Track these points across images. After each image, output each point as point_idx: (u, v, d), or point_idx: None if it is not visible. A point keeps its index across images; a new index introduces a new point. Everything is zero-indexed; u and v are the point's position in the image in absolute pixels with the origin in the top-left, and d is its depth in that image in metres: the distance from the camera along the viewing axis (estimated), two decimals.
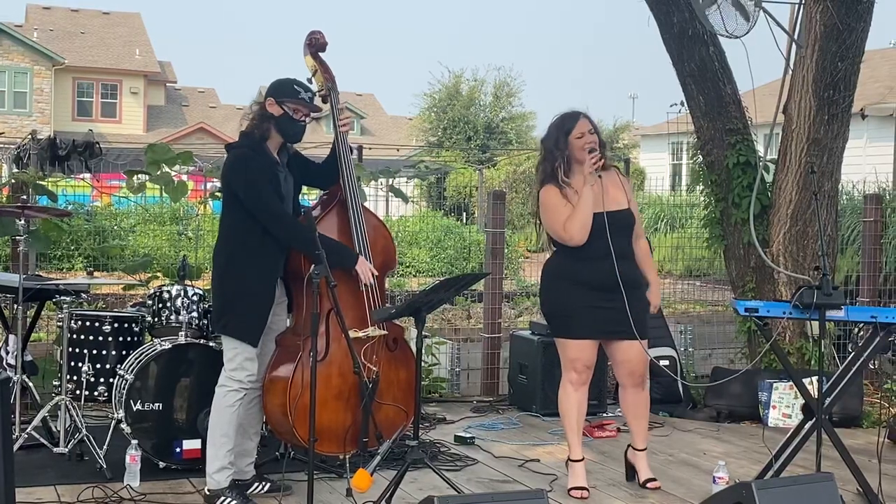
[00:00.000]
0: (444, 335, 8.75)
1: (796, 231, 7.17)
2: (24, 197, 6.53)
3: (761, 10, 6.37)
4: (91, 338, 5.46)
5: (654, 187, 16.66)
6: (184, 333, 5.28)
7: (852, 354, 5.38)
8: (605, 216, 4.94)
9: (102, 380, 5.44)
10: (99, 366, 5.45)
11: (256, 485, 4.90)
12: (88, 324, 5.48)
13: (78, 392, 5.40)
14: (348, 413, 4.72)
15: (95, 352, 5.45)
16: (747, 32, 6.32)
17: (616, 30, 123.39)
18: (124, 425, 5.11)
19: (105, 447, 5.18)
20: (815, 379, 5.55)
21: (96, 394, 5.46)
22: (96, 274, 9.62)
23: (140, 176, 6.78)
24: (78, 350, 5.45)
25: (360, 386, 4.64)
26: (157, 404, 5.15)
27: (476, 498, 4.09)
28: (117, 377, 5.34)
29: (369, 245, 4.89)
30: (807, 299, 4.87)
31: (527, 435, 6.39)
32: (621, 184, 5.14)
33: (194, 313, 5.38)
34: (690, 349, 8.30)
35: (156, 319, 5.45)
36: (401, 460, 4.86)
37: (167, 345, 5.20)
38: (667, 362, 7.17)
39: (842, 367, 5.28)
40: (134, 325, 5.58)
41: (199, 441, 5.05)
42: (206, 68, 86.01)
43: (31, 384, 5.62)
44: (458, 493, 4.56)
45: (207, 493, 4.69)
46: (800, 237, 7.17)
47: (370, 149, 18.99)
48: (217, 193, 4.98)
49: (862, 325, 6.07)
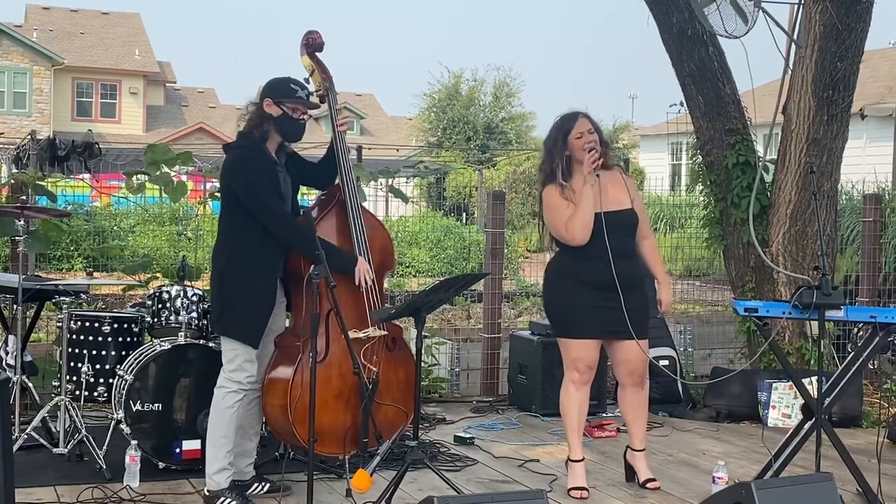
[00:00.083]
0: (443, 335, 8.74)
1: (796, 231, 7.18)
2: (24, 197, 6.53)
3: (761, 10, 6.37)
4: (91, 338, 5.46)
5: (654, 187, 16.65)
6: (183, 334, 5.28)
7: (852, 354, 5.38)
8: (602, 216, 4.95)
9: (102, 380, 5.44)
10: (98, 366, 5.45)
11: (256, 485, 4.89)
12: (88, 324, 5.48)
13: (77, 392, 5.40)
14: (348, 414, 4.71)
15: (95, 352, 5.45)
16: (746, 33, 6.32)
17: (616, 30, 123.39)
18: (124, 426, 5.11)
19: (105, 448, 5.18)
20: (814, 379, 5.54)
21: (96, 394, 5.45)
22: (96, 274, 9.60)
23: (139, 176, 6.78)
24: (77, 350, 5.45)
25: (360, 386, 4.64)
26: (156, 405, 5.15)
27: (476, 498, 4.09)
28: (117, 377, 5.33)
29: (368, 245, 4.89)
30: (806, 299, 4.87)
31: (526, 435, 6.39)
32: (624, 183, 5.13)
33: (194, 314, 5.38)
34: (690, 349, 8.30)
35: (155, 320, 5.45)
36: (400, 461, 4.86)
37: (167, 345, 5.20)
38: (666, 362, 7.16)
39: (841, 367, 5.28)
40: (133, 325, 5.58)
41: (199, 441, 5.04)
42: (206, 68, 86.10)
43: (30, 384, 5.62)
44: (457, 494, 4.56)
45: (207, 494, 4.69)
46: (799, 237, 7.17)
47: (370, 149, 19.00)
48: (216, 194, 4.97)
49: (861, 325, 6.06)
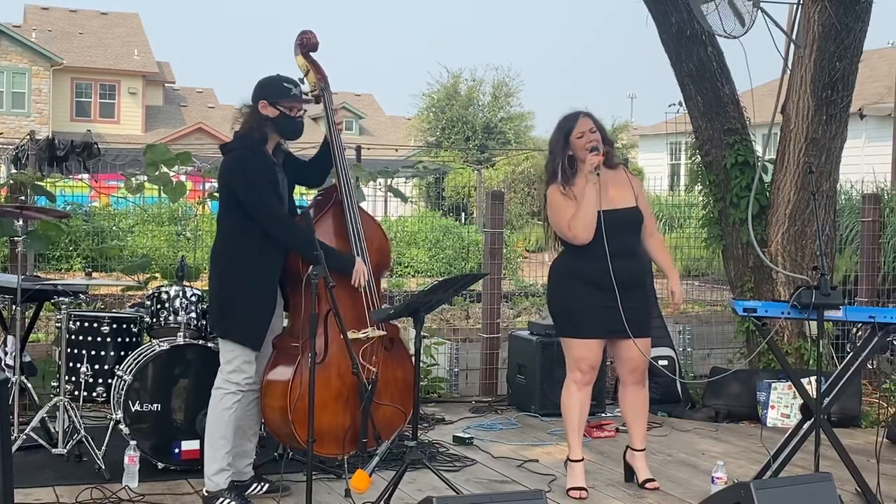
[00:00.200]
0: (442, 335, 8.73)
1: (795, 231, 7.17)
2: (23, 198, 6.53)
3: (759, 10, 6.37)
4: (89, 338, 5.46)
5: (653, 187, 16.66)
6: (182, 334, 5.28)
7: (851, 354, 5.38)
8: (601, 214, 4.95)
9: (101, 380, 5.44)
10: (97, 366, 5.45)
11: (255, 485, 4.89)
12: (87, 324, 5.48)
13: (76, 393, 5.39)
14: (347, 414, 4.71)
15: (94, 352, 5.45)
16: (745, 33, 6.32)
17: (615, 30, 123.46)
18: (123, 426, 5.11)
19: (104, 448, 5.18)
20: (813, 379, 5.54)
21: (95, 394, 5.45)
22: (95, 274, 9.58)
23: (138, 176, 6.78)
24: (76, 351, 5.45)
25: (359, 387, 4.64)
26: (155, 405, 5.15)
27: (475, 498, 4.09)
28: (116, 378, 5.33)
29: (365, 246, 4.88)
30: (805, 299, 4.87)
31: (525, 435, 6.39)
32: (629, 181, 5.13)
33: (193, 314, 5.38)
34: (689, 349, 8.30)
35: (154, 320, 5.45)
36: (399, 461, 4.85)
37: (165, 345, 5.20)
38: (665, 362, 7.16)
39: (840, 367, 5.27)
40: (132, 325, 5.57)
41: (198, 442, 5.04)
42: (205, 69, 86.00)
43: (29, 385, 5.61)
44: (456, 494, 4.56)
45: (206, 495, 4.68)
46: (798, 237, 7.17)
47: (369, 149, 18.98)
48: (215, 194, 4.97)
49: (860, 324, 6.07)
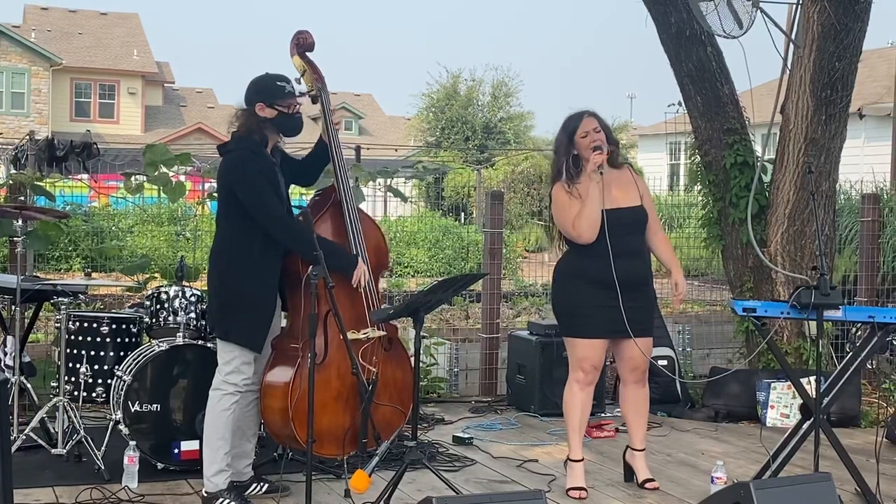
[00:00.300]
0: (442, 335, 8.73)
1: (794, 231, 7.17)
2: (22, 198, 6.53)
3: (759, 10, 6.37)
4: (89, 339, 5.46)
5: (652, 187, 16.64)
6: (181, 334, 5.28)
7: (850, 354, 5.38)
8: (604, 214, 4.94)
9: (100, 381, 5.44)
10: (97, 367, 5.45)
11: (254, 486, 4.89)
12: (86, 325, 5.48)
13: (76, 393, 5.39)
14: (347, 415, 4.71)
15: (93, 353, 5.45)
16: (744, 33, 6.32)
17: (614, 30, 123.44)
18: (122, 426, 5.11)
19: (103, 448, 5.18)
20: (812, 379, 5.54)
21: (94, 395, 5.45)
22: (94, 275, 9.58)
23: (138, 176, 6.77)
24: (76, 351, 5.44)
25: (358, 387, 4.64)
26: (154, 405, 5.15)
27: (474, 498, 4.09)
28: (115, 378, 5.33)
29: (364, 246, 4.88)
30: (804, 299, 4.87)
31: (525, 435, 6.39)
32: (634, 180, 5.13)
33: (192, 314, 5.38)
34: (688, 349, 8.29)
35: (154, 320, 5.45)
36: (399, 461, 4.85)
37: (165, 346, 5.20)
38: (665, 362, 7.17)
39: (840, 367, 5.27)
40: (132, 326, 5.57)
41: (197, 442, 5.03)
42: (204, 69, 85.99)
43: (29, 385, 5.61)
44: (456, 494, 4.56)
45: (205, 496, 4.68)
46: (797, 237, 7.17)
47: (368, 149, 18.96)
48: (214, 194, 4.96)
49: (860, 324, 6.07)
